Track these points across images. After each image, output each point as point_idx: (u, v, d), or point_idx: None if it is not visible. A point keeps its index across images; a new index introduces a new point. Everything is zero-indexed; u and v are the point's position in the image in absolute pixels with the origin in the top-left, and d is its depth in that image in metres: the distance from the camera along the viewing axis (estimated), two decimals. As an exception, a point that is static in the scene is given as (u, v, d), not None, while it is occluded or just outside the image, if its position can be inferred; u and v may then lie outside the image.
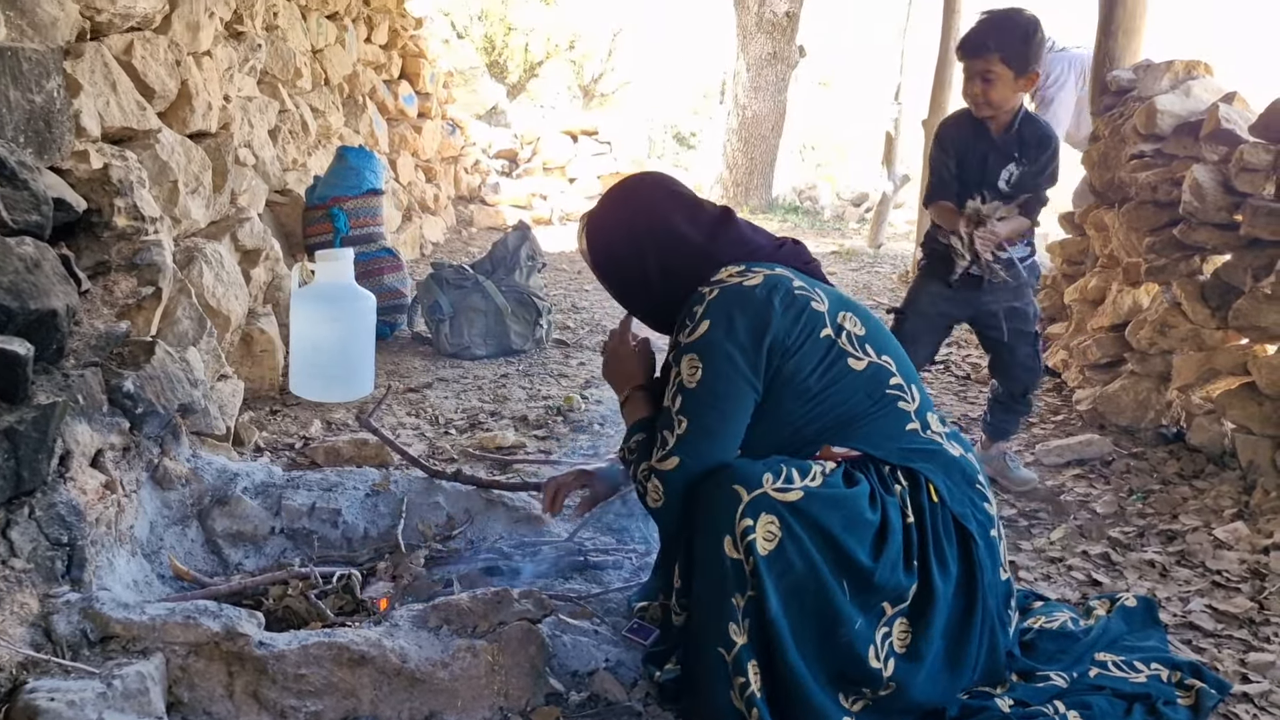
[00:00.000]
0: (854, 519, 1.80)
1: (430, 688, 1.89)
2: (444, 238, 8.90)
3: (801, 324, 1.89)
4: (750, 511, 1.76)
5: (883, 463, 1.92)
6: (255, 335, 3.87)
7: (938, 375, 4.70)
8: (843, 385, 1.90)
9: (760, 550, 1.75)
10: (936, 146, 3.16)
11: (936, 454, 1.96)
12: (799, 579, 1.77)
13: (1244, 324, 3.18)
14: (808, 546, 1.77)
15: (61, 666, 1.68)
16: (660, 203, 2.07)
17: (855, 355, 1.92)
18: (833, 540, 1.78)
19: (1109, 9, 4.36)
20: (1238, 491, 3.08)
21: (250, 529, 2.53)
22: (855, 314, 1.98)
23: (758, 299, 1.88)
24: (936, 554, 1.88)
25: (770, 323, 1.86)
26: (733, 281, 1.92)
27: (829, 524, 1.78)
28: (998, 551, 2.00)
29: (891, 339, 2.04)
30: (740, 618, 1.77)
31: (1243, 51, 9.45)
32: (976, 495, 1.98)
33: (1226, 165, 3.31)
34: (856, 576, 1.80)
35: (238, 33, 4.46)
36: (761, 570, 1.75)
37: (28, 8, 2.56)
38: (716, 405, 1.86)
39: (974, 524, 1.94)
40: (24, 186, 2.10)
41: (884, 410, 1.93)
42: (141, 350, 2.42)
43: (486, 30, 16.06)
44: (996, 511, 2.03)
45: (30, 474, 1.85)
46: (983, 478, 2.03)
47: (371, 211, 5.06)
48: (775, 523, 1.76)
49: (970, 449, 2.07)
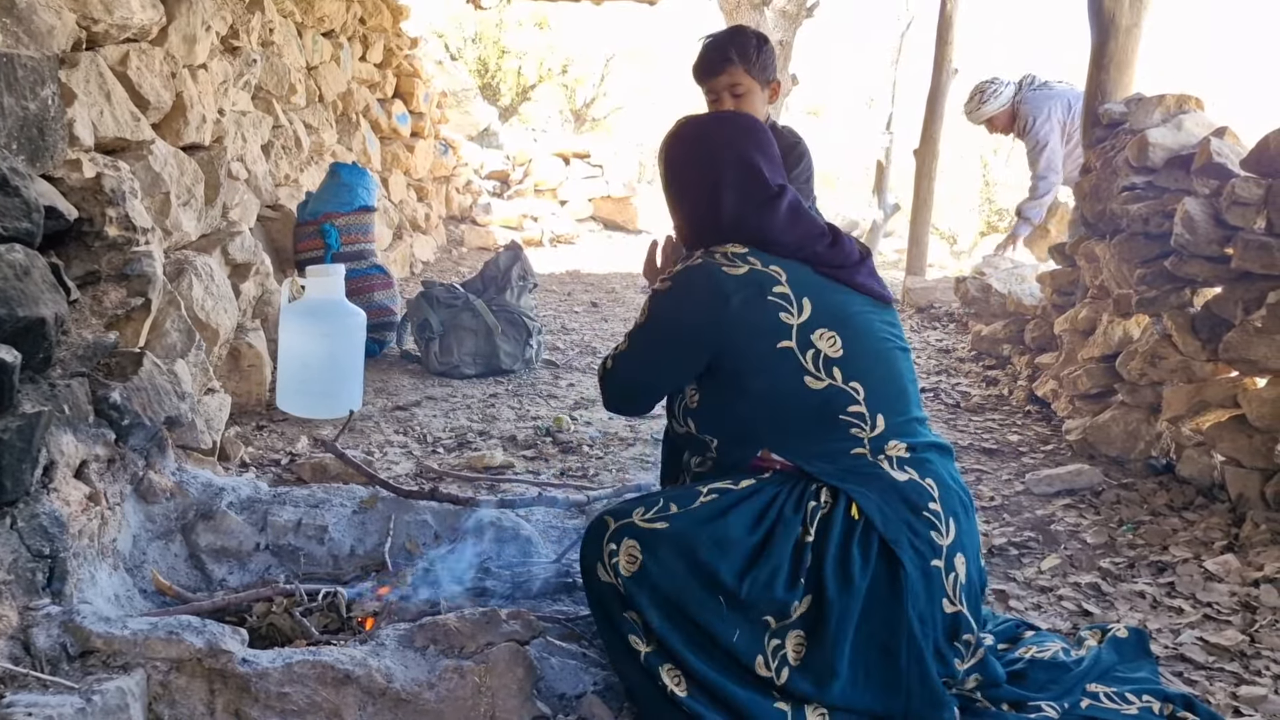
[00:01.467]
0: (722, 540, 1.88)
1: (416, 708, 1.86)
2: (434, 257, 8.89)
3: (755, 328, 1.94)
4: (614, 538, 1.91)
5: (812, 479, 1.94)
6: (243, 350, 3.84)
7: (928, 403, 4.71)
8: (790, 399, 1.95)
9: (624, 572, 1.89)
10: None
11: (876, 478, 1.94)
12: (667, 595, 1.87)
13: (1234, 356, 3.19)
14: (671, 567, 1.87)
15: (40, 681, 1.65)
16: (744, 155, 2.10)
17: (815, 375, 1.94)
18: (697, 560, 1.87)
19: (1101, 42, 4.40)
20: (1227, 524, 3.08)
21: (235, 545, 2.50)
22: (840, 334, 1.96)
23: (725, 287, 1.95)
24: (840, 571, 1.87)
25: (718, 315, 1.94)
26: (719, 260, 1.99)
27: (694, 545, 1.88)
28: (939, 582, 1.92)
29: (878, 365, 2.00)
30: (639, 630, 1.89)
31: (1233, 87, 9.57)
32: (921, 523, 1.92)
33: (1218, 199, 3.33)
34: (724, 593, 1.87)
35: (233, 47, 4.46)
36: (631, 590, 1.88)
37: (24, 15, 2.55)
38: (642, 353, 2.07)
39: (908, 552, 1.89)
40: (15, 193, 2.08)
41: (830, 432, 1.95)
42: (129, 361, 2.39)
43: (480, 53, 16.12)
44: (952, 542, 1.95)
45: (13, 483, 1.82)
46: (937, 507, 1.95)
47: (363, 228, 5.05)
48: (636, 546, 1.89)
49: (940, 477, 2.00)
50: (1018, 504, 3.41)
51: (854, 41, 17.73)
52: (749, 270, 1.97)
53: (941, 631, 1.94)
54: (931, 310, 6.94)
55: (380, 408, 4.24)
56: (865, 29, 16.15)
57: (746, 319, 1.94)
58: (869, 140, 10.81)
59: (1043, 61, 7.25)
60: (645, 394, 2.15)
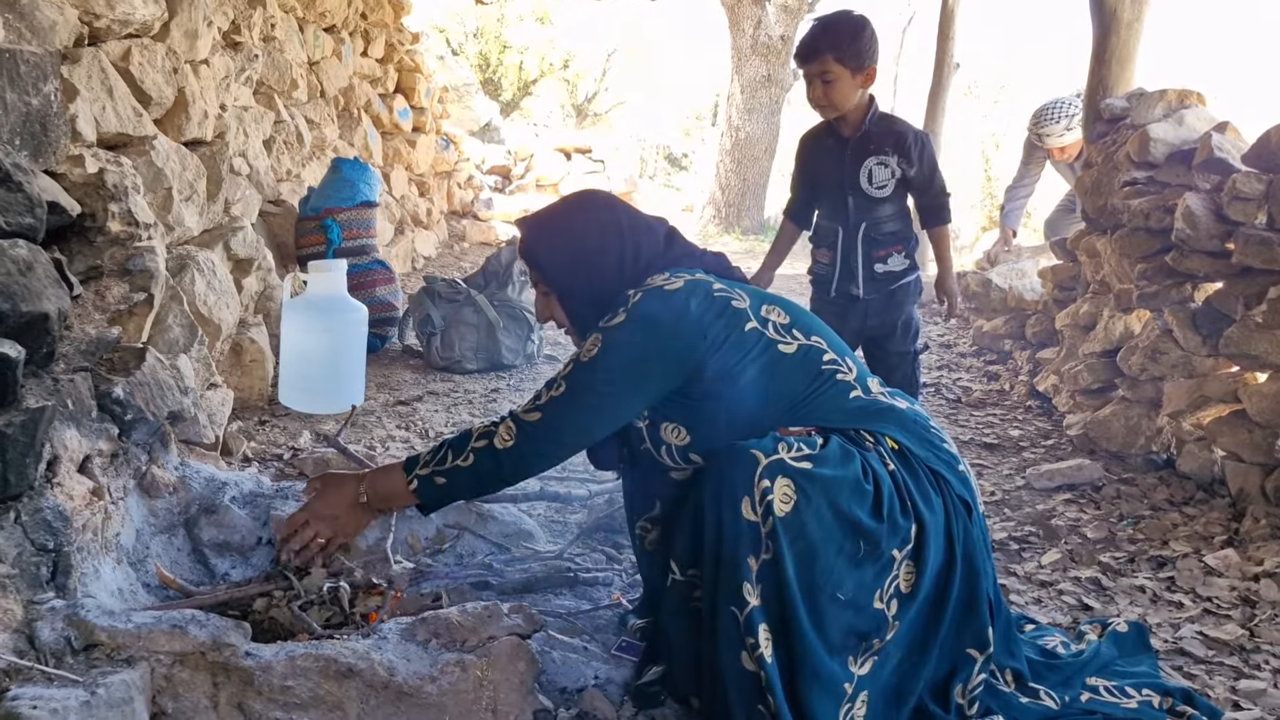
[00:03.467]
0: (856, 485, 1.85)
1: (418, 702, 1.86)
2: (436, 252, 8.89)
3: (723, 321, 1.95)
4: (768, 474, 1.79)
5: (841, 430, 1.95)
6: (245, 345, 3.85)
7: (929, 399, 4.71)
8: (780, 371, 1.96)
9: (778, 511, 1.77)
10: (795, 160, 3.36)
11: (887, 411, 2.01)
12: (812, 542, 1.79)
13: (1235, 352, 3.19)
14: (822, 510, 1.80)
15: (45, 674, 1.65)
16: (626, 209, 2.18)
17: (784, 341, 1.98)
18: (839, 506, 1.82)
19: (1102, 37, 4.40)
20: (1227, 519, 3.08)
21: (238, 539, 2.51)
22: (778, 305, 2.05)
23: (677, 300, 1.96)
24: (920, 492, 1.92)
25: (685, 323, 1.93)
26: (656, 284, 2.00)
27: (838, 490, 1.82)
28: (971, 484, 2.04)
29: (818, 322, 2.10)
30: (754, 579, 1.79)
31: (1235, 82, 9.56)
32: (934, 438, 2.03)
33: (1219, 194, 3.33)
34: (866, 538, 1.83)
35: (235, 43, 4.46)
36: (779, 531, 1.77)
37: (26, 11, 2.55)
38: (598, 388, 1.94)
39: (940, 464, 1.98)
40: (18, 189, 2.08)
41: (825, 385, 1.99)
42: (132, 356, 2.39)
43: (481, 48, 16.12)
44: (956, 450, 2.07)
45: (17, 478, 1.83)
46: (934, 424, 2.08)
47: (365, 224, 5.05)
48: (791, 486, 1.79)
49: (915, 403, 2.12)
50: (1018, 499, 3.42)
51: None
52: (685, 281, 2.00)
53: (981, 533, 2.04)
54: (932, 305, 6.94)
55: (382, 403, 4.24)
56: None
57: (710, 317, 1.95)
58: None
59: (1042, 61, 7.25)
60: (575, 443, 2.01)
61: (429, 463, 2.03)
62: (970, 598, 1.96)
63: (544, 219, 2.18)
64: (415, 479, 2.04)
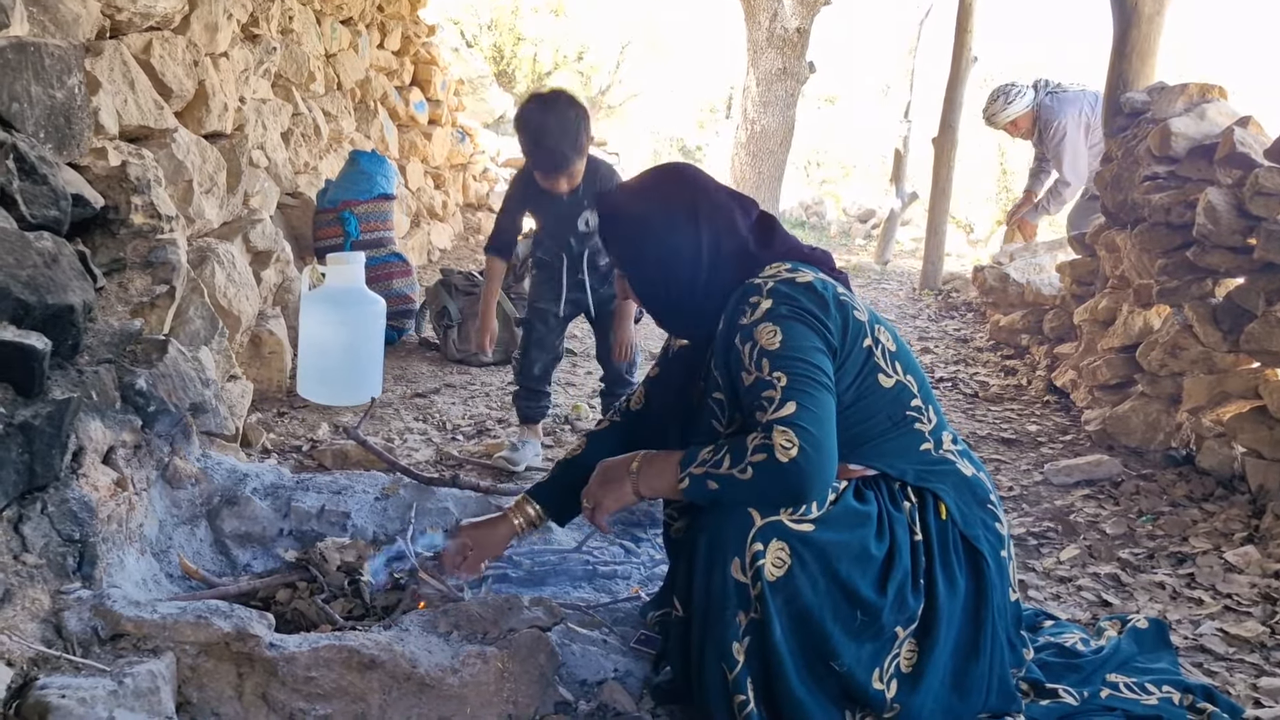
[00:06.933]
0: (861, 553, 1.78)
1: (439, 694, 1.87)
2: (451, 244, 8.90)
3: (850, 330, 1.84)
4: (761, 536, 1.73)
5: (895, 480, 1.90)
6: (264, 337, 3.87)
7: (945, 393, 4.70)
8: (869, 401, 1.87)
9: (768, 576, 1.73)
10: (506, 199, 3.51)
11: (949, 474, 1.95)
12: (803, 608, 1.75)
13: (1256, 348, 3.17)
14: (816, 577, 1.75)
15: (72, 663, 1.67)
16: (716, 190, 2.01)
17: (886, 372, 1.88)
18: (837, 574, 1.76)
19: (1123, 31, 4.37)
20: (1247, 515, 3.07)
21: (259, 530, 2.52)
22: (888, 330, 1.95)
23: (816, 291, 1.82)
24: (945, 572, 1.87)
25: (827, 318, 1.81)
26: (785, 276, 1.84)
27: (837, 557, 1.76)
28: (1008, 572, 1.98)
29: (914, 358, 2.01)
30: (741, 635, 1.76)
31: (1258, 76, 9.48)
32: (988, 515, 1.96)
33: (1241, 189, 3.30)
34: (864, 609, 1.78)
35: (253, 35, 4.47)
36: (767, 596, 1.73)
37: (50, 4, 2.56)
38: (807, 357, 1.75)
39: (985, 544, 1.92)
40: (43, 181, 2.10)
41: (901, 430, 1.91)
42: (154, 348, 2.41)
43: (495, 40, 16.09)
44: (1008, 531, 2.01)
45: (43, 469, 1.85)
46: (994, 497, 2.01)
47: (382, 216, 5.07)
48: (785, 550, 1.73)
49: (982, 468, 2.05)
50: (1036, 494, 3.41)
51: (872, 29, 17.63)
52: (814, 277, 1.86)
53: (1010, 621, 1.97)
54: (950, 299, 6.92)
55: (399, 395, 4.26)
56: (883, 17, 16.07)
57: (840, 320, 1.83)
58: (886, 129, 10.77)
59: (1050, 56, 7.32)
60: (829, 408, 1.76)
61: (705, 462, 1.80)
62: (1004, 690, 1.92)
63: (619, 201, 2.03)
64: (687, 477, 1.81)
